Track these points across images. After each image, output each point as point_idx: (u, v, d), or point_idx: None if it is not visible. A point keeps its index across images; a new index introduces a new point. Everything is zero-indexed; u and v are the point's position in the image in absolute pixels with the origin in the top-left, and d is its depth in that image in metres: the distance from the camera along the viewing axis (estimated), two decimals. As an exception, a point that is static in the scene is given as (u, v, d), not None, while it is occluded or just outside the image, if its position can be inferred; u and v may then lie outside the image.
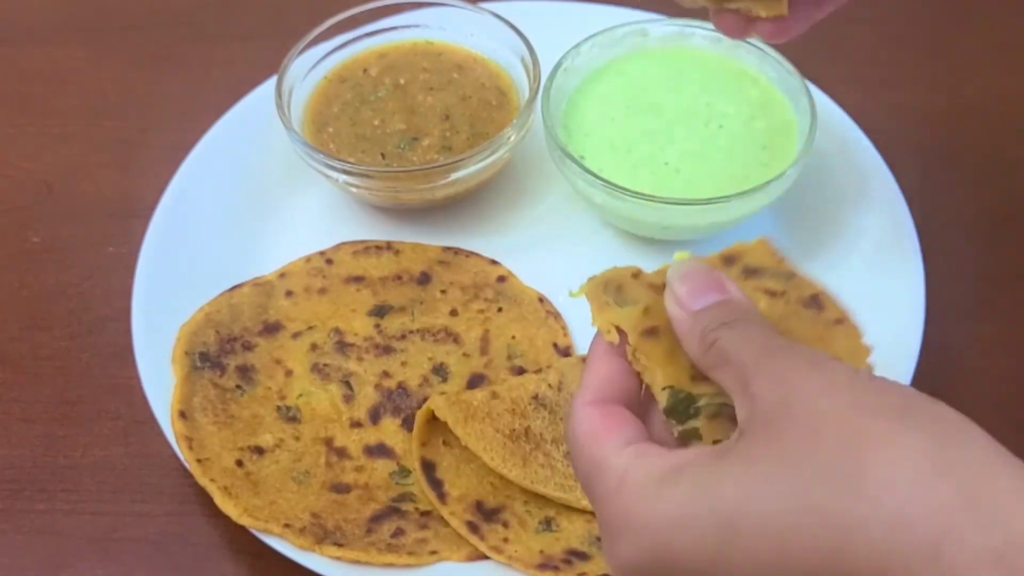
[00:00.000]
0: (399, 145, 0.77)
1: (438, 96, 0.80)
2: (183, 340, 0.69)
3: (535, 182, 0.81)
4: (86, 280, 0.78)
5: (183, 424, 0.65)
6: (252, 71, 0.85)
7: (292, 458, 0.66)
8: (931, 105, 0.88)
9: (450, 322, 0.72)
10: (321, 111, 0.80)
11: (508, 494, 0.64)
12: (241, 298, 0.73)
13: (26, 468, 0.69)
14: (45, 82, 0.91)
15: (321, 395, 0.69)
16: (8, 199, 0.83)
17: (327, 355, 0.70)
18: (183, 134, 0.81)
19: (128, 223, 0.78)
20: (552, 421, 0.65)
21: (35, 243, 0.80)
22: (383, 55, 0.83)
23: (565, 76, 0.78)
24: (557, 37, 0.78)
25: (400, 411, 0.68)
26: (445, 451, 0.65)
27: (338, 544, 0.61)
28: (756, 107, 0.77)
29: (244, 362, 0.70)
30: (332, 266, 0.75)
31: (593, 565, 0.60)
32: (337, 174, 0.75)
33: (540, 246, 0.77)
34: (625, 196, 0.70)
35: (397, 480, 0.65)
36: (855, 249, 0.74)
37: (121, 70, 0.92)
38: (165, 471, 0.67)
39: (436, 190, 0.76)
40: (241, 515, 0.62)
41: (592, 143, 0.76)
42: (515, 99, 0.80)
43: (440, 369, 0.70)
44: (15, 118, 0.89)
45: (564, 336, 0.72)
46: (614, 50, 0.80)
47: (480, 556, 0.61)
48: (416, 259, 0.76)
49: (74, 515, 0.67)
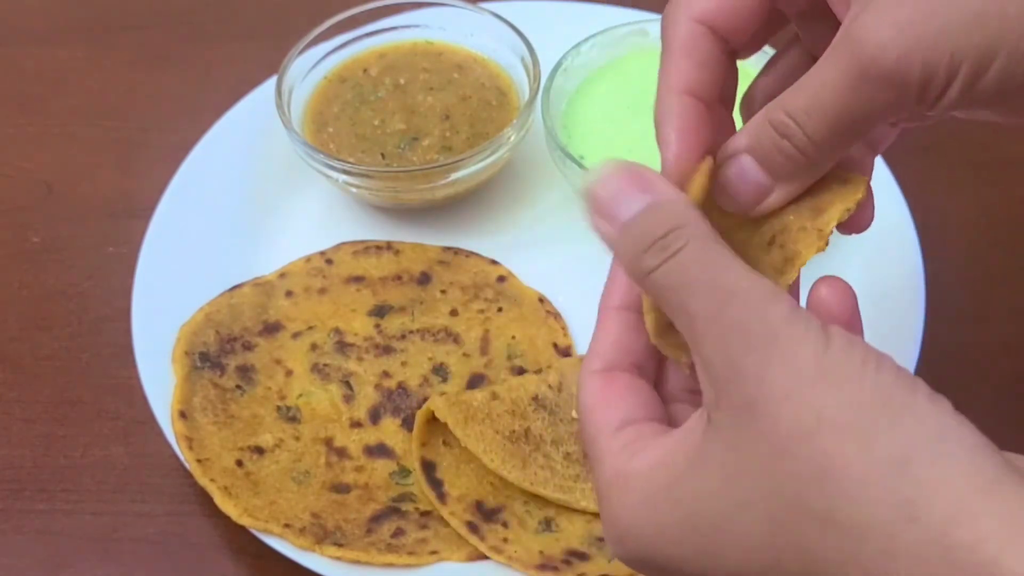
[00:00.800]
0: (399, 145, 0.77)
1: (438, 96, 0.80)
2: (183, 340, 0.69)
3: (535, 182, 0.81)
4: (86, 280, 0.78)
5: (183, 424, 0.65)
6: (252, 71, 0.85)
7: (292, 458, 0.66)
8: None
9: (450, 322, 0.72)
10: (321, 111, 0.80)
11: (508, 494, 0.64)
12: (241, 298, 0.73)
13: (26, 468, 0.69)
14: (45, 82, 0.91)
15: (321, 395, 0.69)
16: (8, 199, 0.83)
17: (327, 355, 0.70)
18: (183, 134, 0.81)
19: (128, 223, 0.78)
20: (552, 422, 0.65)
21: (35, 243, 0.80)
22: (383, 55, 0.83)
23: (565, 76, 0.78)
24: (557, 37, 0.78)
25: (400, 411, 0.68)
26: (445, 451, 0.65)
27: (338, 544, 0.61)
28: (756, 107, 0.77)
29: (244, 362, 0.70)
30: (332, 266, 0.75)
31: (593, 565, 0.60)
32: (337, 174, 0.75)
33: (540, 246, 0.77)
34: (625, 196, 0.70)
35: (397, 480, 0.65)
36: (855, 249, 0.74)
37: (121, 70, 0.92)
38: (165, 471, 0.67)
39: (436, 190, 0.76)
40: (241, 515, 0.62)
41: (592, 143, 0.75)
42: (515, 99, 0.80)
43: (440, 369, 0.70)
44: (15, 118, 0.89)
45: (564, 336, 0.72)
46: (614, 50, 0.80)
47: (480, 556, 0.61)
48: (416, 259, 0.76)
49: (74, 515, 0.67)
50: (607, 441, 0.42)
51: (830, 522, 0.35)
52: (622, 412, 0.43)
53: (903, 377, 0.36)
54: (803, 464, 0.35)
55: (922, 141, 0.85)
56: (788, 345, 0.36)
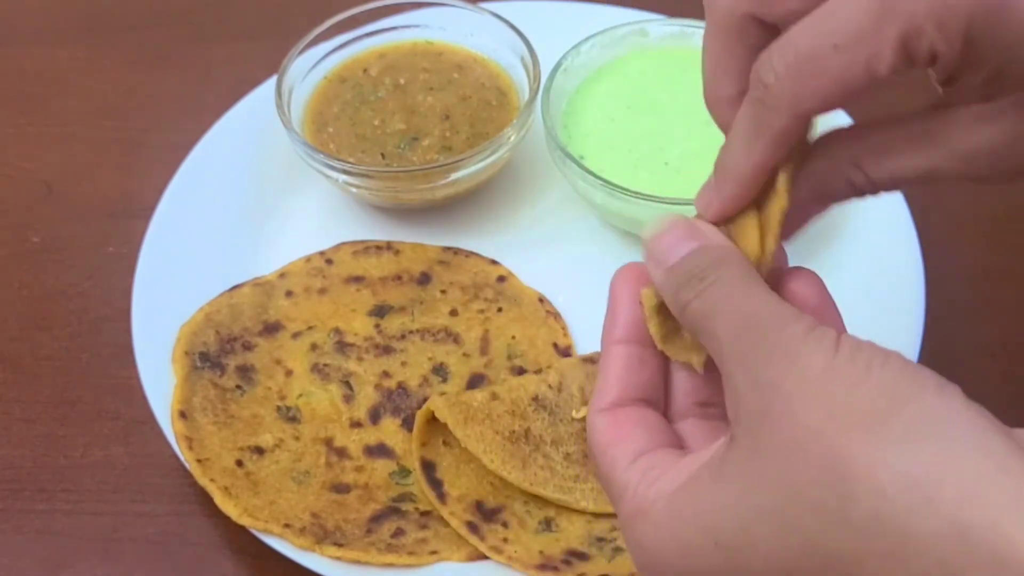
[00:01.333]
0: (399, 145, 0.77)
1: (438, 96, 0.80)
2: (183, 340, 0.69)
3: (535, 182, 0.81)
4: (86, 280, 0.78)
5: (183, 424, 0.65)
6: (252, 71, 0.85)
7: (292, 458, 0.66)
8: (931, 105, 0.88)
9: (450, 322, 0.72)
10: (321, 111, 0.80)
11: (508, 494, 0.64)
12: (241, 298, 0.73)
13: (26, 468, 0.69)
14: (45, 82, 0.92)
15: (321, 395, 0.69)
16: (8, 199, 0.83)
17: (327, 355, 0.70)
18: (183, 134, 0.81)
19: (128, 223, 0.78)
20: (552, 422, 0.65)
21: (35, 243, 0.80)
22: (383, 55, 0.83)
23: (565, 76, 0.78)
24: (557, 37, 0.79)
25: (400, 411, 0.68)
26: (445, 451, 0.65)
27: (338, 544, 0.61)
28: (756, 107, 0.77)
29: (244, 362, 0.70)
30: (332, 266, 0.75)
31: (593, 565, 0.60)
32: (337, 174, 0.75)
33: (540, 246, 0.77)
34: (625, 196, 0.70)
35: (397, 480, 0.65)
36: (855, 249, 0.74)
37: (121, 70, 0.92)
38: (165, 471, 0.67)
39: (436, 190, 0.76)
40: (241, 515, 0.62)
41: (592, 143, 0.76)
42: (515, 99, 0.80)
43: (440, 369, 0.70)
44: (15, 118, 0.89)
45: (564, 336, 0.72)
46: (614, 50, 0.80)
47: (480, 556, 0.61)
48: (416, 259, 0.76)
49: (74, 515, 0.67)
50: (623, 474, 0.42)
51: (844, 520, 0.35)
52: (634, 444, 0.43)
53: (909, 369, 0.36)
54: (814, 464, 0.36)
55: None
56: (801, 356, 0.37)
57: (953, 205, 0.80)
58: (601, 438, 0.44)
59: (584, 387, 0.67)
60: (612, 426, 0.44)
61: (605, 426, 0.44)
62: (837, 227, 0.76)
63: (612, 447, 0.43)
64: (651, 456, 0.42)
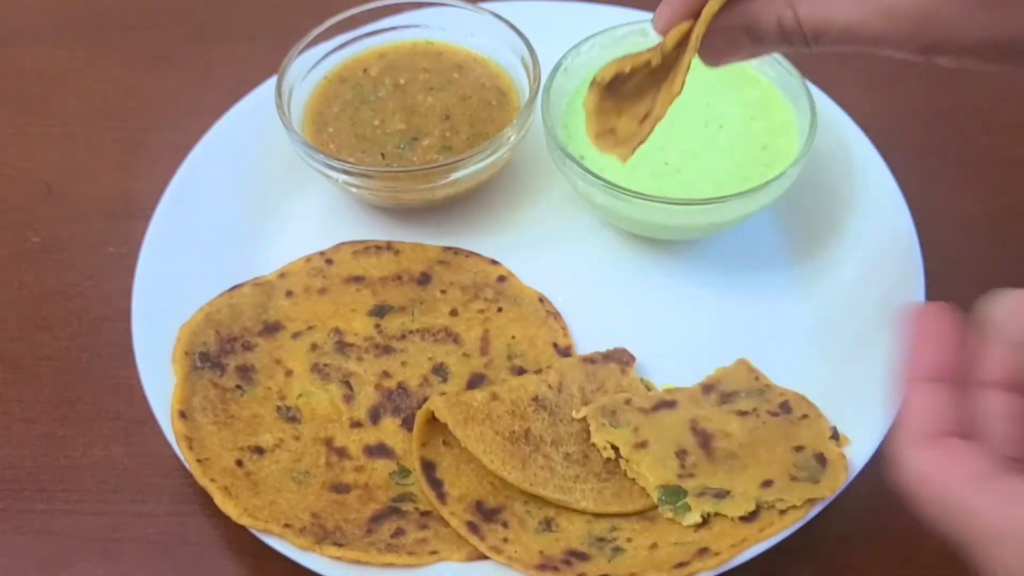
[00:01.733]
0: (399, 145, 0.77)
1: (438, 96, 0.80)
2: (183, 340, 0.69)
3: (535, 182, 0.81)
4: (86, 280, 0.78)
5: (183, 424, 0.65)
6: (252, 71, 0.85)
7: (292, 458, 0.66)
8: (931, 105, 0.88)
9: (450, 322, 0.72)
10: (321, 111, 0.80)
11: (508, 494, 0.64)
12: (241, 298, 0.73)
13: (26, 468, 0.69)
14: (45, 82, 0.92)
15: (321, 395, 0.69)
16: (8, 199, 0.83)
17: (327, 355, 0.70)
18: (183, 134, 0.81)
19: (128, 223, 0.78)
20: (552, 423, 0.65)
21: (35, 243, 0.80)
22: (383, 55, 0.83)
23: (565, 76, 0.78)
24: (557, 37, 0.78)
25: (400, 411, 0.68)
26: (445, 451, 0.65)
27: (338, 544, 0.61)
28: (756, 107, 0.77)
29: (244, 362, 0.70)
30: (332, 266, 0.75)
31: (592, 565, 0.60)
32: (337, 174, 0.75)
33: (540, 246, 0.77)
34: (625, 196, 0.70)
35: (397, 480, 0.65)
36: (855, 249, 0.74)
37: (121, 70, 0.92)
38: (165, 471, 0.67)
39: (436, 190, 0.76)
40: (241, 515, 0.62)
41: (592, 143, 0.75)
42: (515, 99, 0.80)
43: (440, 369, 0.70)
44: (15, 118, 0.89)
45: (564, 336, 0.72)
46: (614, 50, 0.79)
47: (480, 556, 0.61)
48: (416, 259, 0.76)
49: (74, 515, 0.67)
50: (972, 497, 0.40)
51: None
52: (973, 467, 0.41)
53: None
54: None
55: (922, 141, 0.85)
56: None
57: (953, 205, 0.80)
58: (924, 466, 0.42)
59: (584, 387, 0.67)
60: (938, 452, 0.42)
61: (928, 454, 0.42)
62: (837, 227, 0.76)
63: (944, 471, 0.41)
64: (1000, 480, 0.41)
